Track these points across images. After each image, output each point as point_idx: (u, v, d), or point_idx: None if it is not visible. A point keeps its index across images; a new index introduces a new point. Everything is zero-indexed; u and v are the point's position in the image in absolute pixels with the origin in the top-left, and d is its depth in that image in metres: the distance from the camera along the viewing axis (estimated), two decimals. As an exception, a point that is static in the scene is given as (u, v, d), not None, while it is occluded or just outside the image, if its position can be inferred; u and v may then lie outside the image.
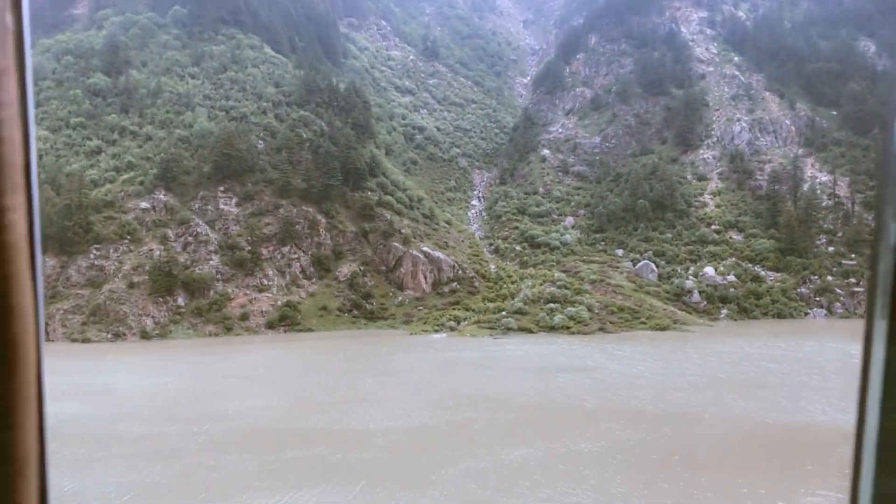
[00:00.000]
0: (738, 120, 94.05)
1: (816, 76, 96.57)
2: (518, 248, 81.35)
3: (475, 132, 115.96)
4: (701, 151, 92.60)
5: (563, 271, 71.78)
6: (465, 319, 62.35)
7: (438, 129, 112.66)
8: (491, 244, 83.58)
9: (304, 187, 69.84)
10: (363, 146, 78.12)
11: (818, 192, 79.80)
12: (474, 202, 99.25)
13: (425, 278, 68.53)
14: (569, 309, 60.82)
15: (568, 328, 58.46)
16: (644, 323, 59.71)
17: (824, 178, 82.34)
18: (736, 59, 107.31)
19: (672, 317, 62.24)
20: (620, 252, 78.13)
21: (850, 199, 78.28)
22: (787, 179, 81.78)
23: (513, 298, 64.97)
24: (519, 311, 61.51)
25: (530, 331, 58.25)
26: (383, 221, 70.52)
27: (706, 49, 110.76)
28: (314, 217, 68.92)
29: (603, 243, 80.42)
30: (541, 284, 66.59)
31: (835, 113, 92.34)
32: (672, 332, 57.72)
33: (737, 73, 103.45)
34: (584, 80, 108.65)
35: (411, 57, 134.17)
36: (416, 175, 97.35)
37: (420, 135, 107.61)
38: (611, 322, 59.88)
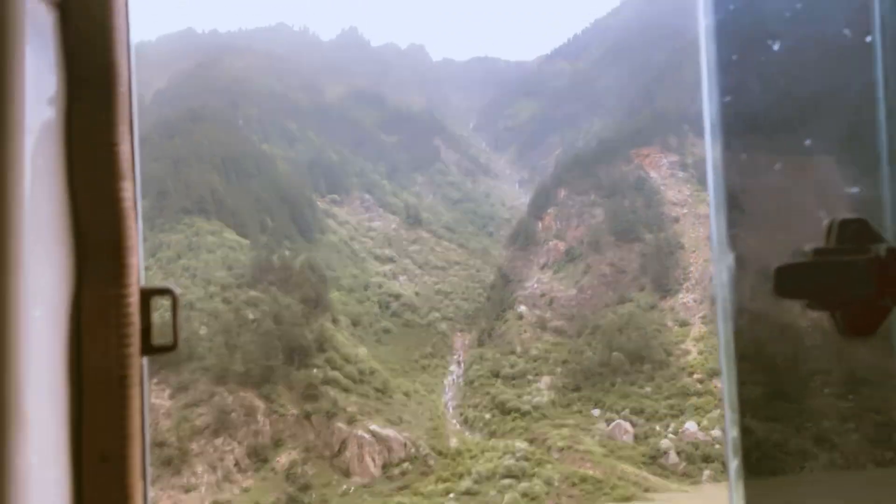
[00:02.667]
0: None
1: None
2: (487, 415, 75.01)
3: (457, 294, 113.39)
4: (680, 296, 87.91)
5: (530, 439, 65.11)
6: (409, 508, 55.35)
7: (417, 294, 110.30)
8: (461, 413, 77.49)
9: (243, 370, 66.25)
10: (314, 321, 75.33)
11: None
12: (453, 367, 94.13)
13: (374, 461, 62.22)
14: (523, 484, 53.81)
15: (519, 509, 51.22)
16: (607, 494, 52.19)
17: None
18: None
19: (643, 484, 54.48)
20: (597, 412, 71.36)
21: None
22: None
23: (470, 476, 58.14)
24: (468, 492, 54.64)
25: (475, 516, 51.09)
26: (328, 401, 65.74)
27: (678, 191, 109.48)
28: (252, 403, 64.53)
29: (579, 403, 73.81)
30: (499, 457, 59.86)
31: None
32: (637, 502, 50.12)
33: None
34: (556, 233, 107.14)
35: (394, 226, 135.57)
36: (388, 344, 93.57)
37: (396, 302, 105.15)
38: (569, 496, 52.53)
